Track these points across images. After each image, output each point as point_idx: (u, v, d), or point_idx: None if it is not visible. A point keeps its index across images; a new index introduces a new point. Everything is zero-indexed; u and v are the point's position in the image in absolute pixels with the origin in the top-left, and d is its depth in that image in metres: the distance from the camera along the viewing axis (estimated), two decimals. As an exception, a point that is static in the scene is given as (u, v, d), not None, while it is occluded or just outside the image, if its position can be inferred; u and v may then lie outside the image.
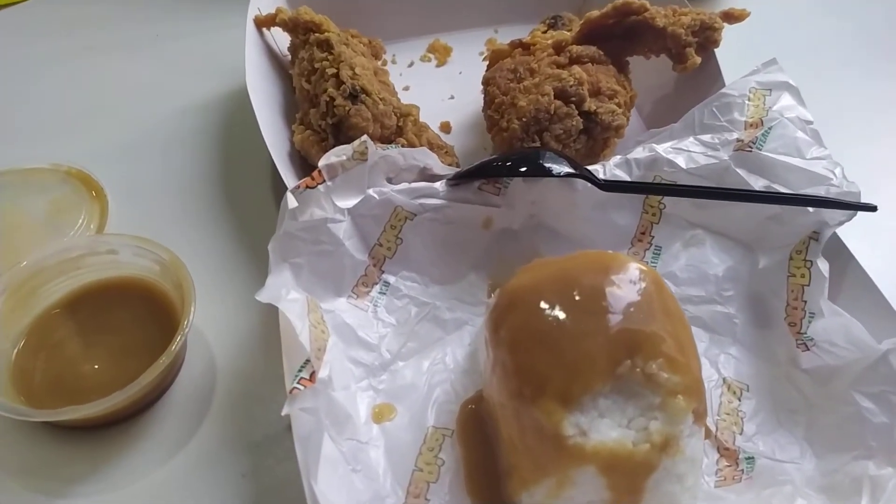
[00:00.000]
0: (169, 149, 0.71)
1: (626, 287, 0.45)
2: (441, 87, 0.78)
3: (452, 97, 0.77)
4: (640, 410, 0.42)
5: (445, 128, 0.73)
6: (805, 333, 0.53)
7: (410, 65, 0.80)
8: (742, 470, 0.49)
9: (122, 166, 0.69)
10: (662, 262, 0.60)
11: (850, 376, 0.50)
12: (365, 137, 0.52)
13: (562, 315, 0.44)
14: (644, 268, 0.47)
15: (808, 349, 0.52)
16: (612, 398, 0.42)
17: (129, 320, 0.55)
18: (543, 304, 0.45)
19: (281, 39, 0.73)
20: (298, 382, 0.44)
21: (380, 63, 0.78)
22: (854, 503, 0.44)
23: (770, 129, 0.58)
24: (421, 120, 0.66)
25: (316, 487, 0.40)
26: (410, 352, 0.55)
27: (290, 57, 0.70)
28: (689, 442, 0.43)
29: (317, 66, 0.63)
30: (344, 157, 0.51)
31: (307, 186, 0.50)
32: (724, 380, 0.54)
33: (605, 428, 0.42)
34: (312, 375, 0.45)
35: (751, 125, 0.60)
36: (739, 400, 0.53)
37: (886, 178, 0.69)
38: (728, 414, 0.52)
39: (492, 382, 0.47)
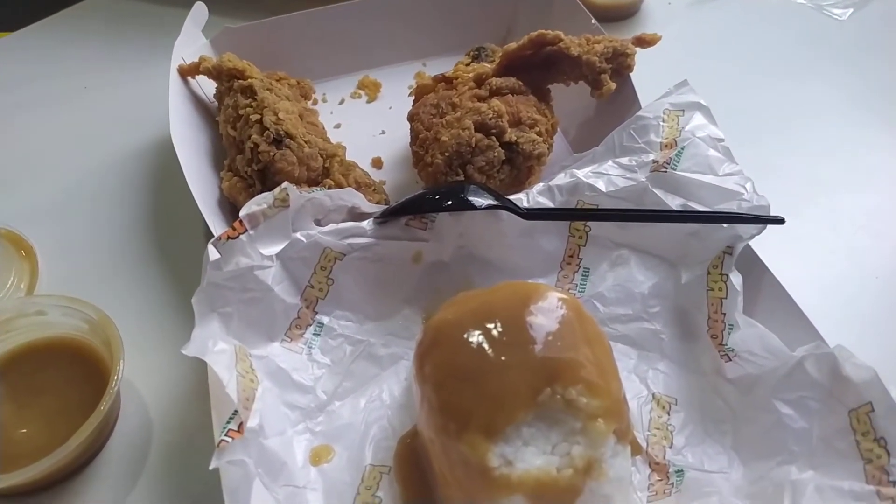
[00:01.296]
0: (98, 203, 0.71)
1: (545, 316, 0.46)
2: (372, 123, 0.79)
3: (383, 132, 0.78)
4: (562, 436, 0.44)
5: (377, 163, 0.75)
6: (726, 345, 0.55)
7: (341, 102, 0.81)
8: (672, 483, 0.51)
9: (51, 223, 0.68)
10: (591, 283, 0.61)
11: (769, 384, 0.51)
12: (286, 184, 0.52)
13: (483, 349, 0.45)
14: (563, 296, 0.48)
15: (731, 360, 0.54)
16: (535, 426, 0.43)
17: (60, 381, 0.55)
18: (465, 339, 0.46)
19: (209, 88, 0.74)
20: (226, 434, 0.44)
21: (310, 103, 0.79)
22: (776, 507, 0.46)
23: (683, 148, 0.61)
24: (351, 158, 0.68)
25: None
26: (346, 391, 0.56)
27: (217, 104, 0.70)
28: (614, 462, 0.45)
29: (241, 112, 0.64)
30: (265, 206, 0.52)
31: (229, 237, 0.51)
32: (653, 395, 0.56)
33: (530, 456, 0.43)
34: (240, 426, 0.45)
35: (665, 146, 0.62)
36: (668, 414, 0.55)
37: (800, 189, 0.72)
38: (658, 429, 0.54)
39: (421, 418, 0.48)
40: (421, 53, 0.85)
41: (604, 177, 0.61)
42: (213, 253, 0.50)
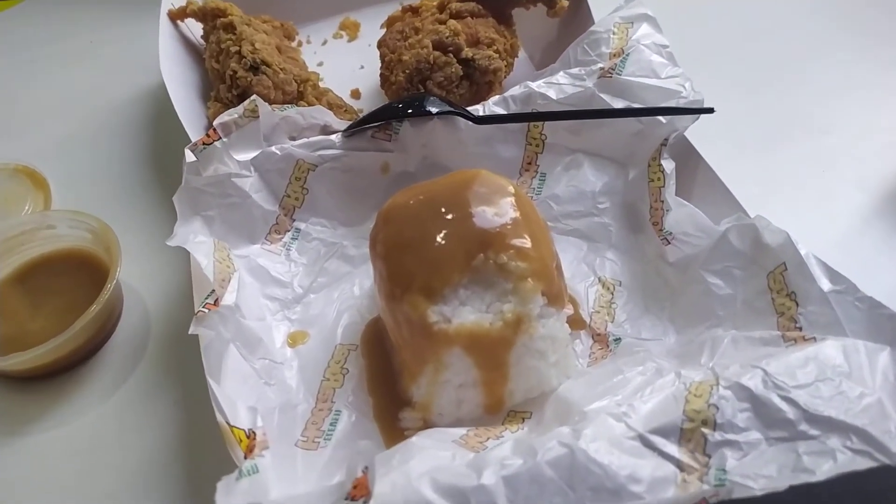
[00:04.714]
0: (102, 140, 0.78)
1: (483, 195, 0.51)
2: (352, 60, 0.84)
3: (363, 67, 0.83)
4: (496, 297, 0.49)
5: (355, 94, 0.80)
6: (664, 228, 0.59)
7: (324, 43, 0.87)
8: (611, 350, 0.56)
9: (61, 159, 0.76)
10: (546, 186, 0.66)
11: (700, 259, 0.56)
12: (254, 97, 0.58)
13: (424, 222, 0.50)
14: (503, 179, 0.53)
15: (670, 243, 0.59)
16: (471, 289, 0.49)
17: (70, 285, 0.62)
18: (409, 216, 0.51)
19: (198, 32, 0.80)
20: (203, 307, 0.51)
21: (294, 44, 0.84)
22: (696, 361, 0.50)
23: (628, 55, 0.65)
24: (329, 87, 0.73)
25: (216, 386, 0.47)
26: (321, 286, 0.62)
27: (205, 45, 0.77)
28: (546, 322, 0.50)
29: (223, 46, 0.70)
30: (236, 116, 0.58)
31: (203, 143, 0.57)
32: (599, 279, 0.61)
33: (466, 314, 0.48)
34: (216, 301, 0.51)
35: (613, 55, 0.66)
36: (612, 294, 0.60)
37: (732, 89, 0.75)
38: (602, 307, 0.59)
39: (376, 294, 0.54)
40: (399, -7, 0.90)
41: (554, 86, 0.66)
42: (189, 156, 0.56)
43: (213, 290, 0.52)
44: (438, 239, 0.50)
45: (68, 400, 0.57)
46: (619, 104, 0.64)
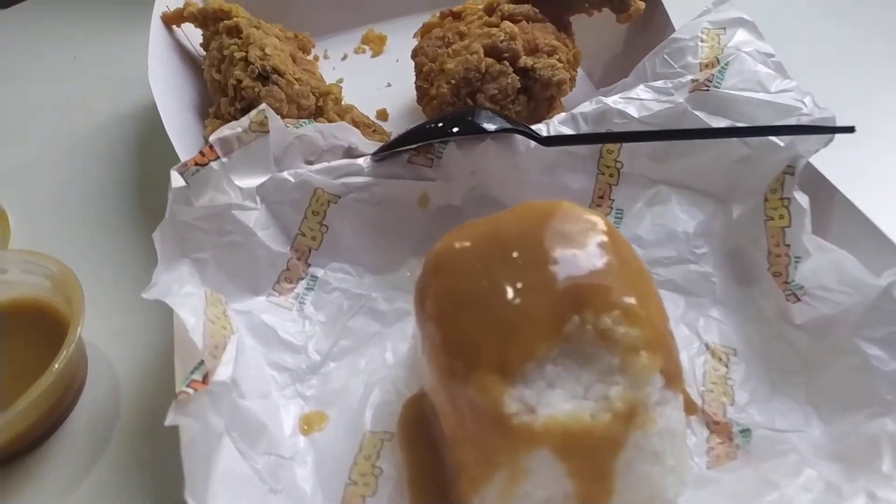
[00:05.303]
0: (76, 166, 0.65)
1: (569, 235, 0.38)
2: (377, 77, 0.72)
3: (389, 85, 0.71)
4: (596, 375, 0.35)
5: (382, 115, 0.67)
6: (793, 282, 0.46)
7: (344, 58, 0.75)
8: (737, 445, 0.41)
9: (25, 187, 0.63)
10: (625, 225, 0.53)
11: (849, 322, 0.42)
12: (263, 106, 0.45)
13: (493, 272, 0.37)
14: (591, 213, 0.40)
15: (799, 299, 0.45)
16: (561, 364, 0.35)
17: (20, 346, 0.48)
18: (471, 264, 0.38)
19: (198, 39, 0.68)
20: (188, 385, 0.37)
21: (310, 58, 0.72)
22: (874, 468, 0.36)
23: (727, 64, 0.52)
24: (351, 103, 0.61)
25: (200, 508, 0.33)
26: (343, 351, 0.48)
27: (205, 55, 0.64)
28: (663, 411, 0.36)
29: (225, 52, 0.57)
30: (240, 129, 0.45)
31: (196, 164, 0.44)
32: (706, 346, 0.47)
33: (557, 400, 0.34)
34: (206, 377, 0.37)
35: (706, 66, 0.54)
36: (727, 367, 0.46)
37: (858, 105, 0.62)
38: (715, 383, 0.45)
39: (425, 367, 0.40)
40: (430, 3, 0.78)
41: (635, 101, 0.53)
42: (176, 180, 0.43)
43: (202, 362, 0.38)
44: (514, 295, 0.36)
45: (17, 498, 0.43)
46: (718, 124, 0.51)
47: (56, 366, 0.43)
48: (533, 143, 0.51)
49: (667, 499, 0.37)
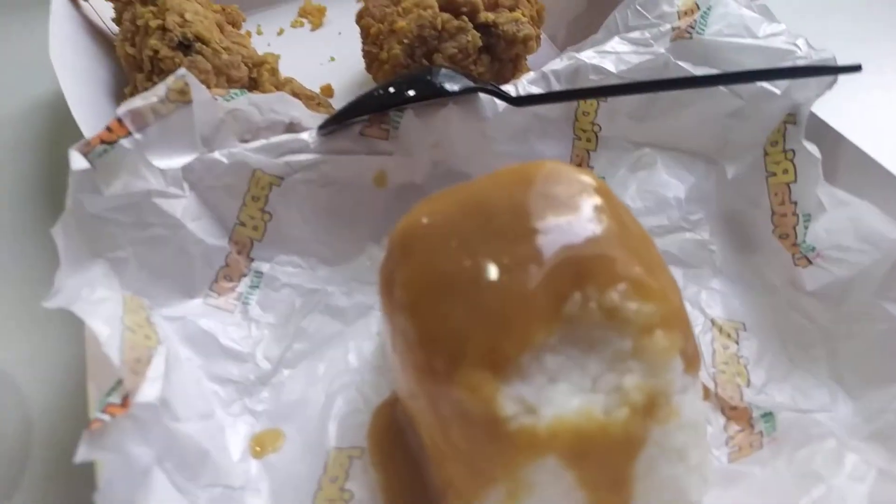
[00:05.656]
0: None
1: (560, 199, 0.32)
2: (319, 52, 0.65)
3: (333, 59, 0.64)
4: (605, 363, 0.29)
5: (327, 91, 0.60)
6: (803, 243, 0.41)
7: (280, 33, 0.67)
8: (761, 432, 0.36)
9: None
10: (609, 194, 0.47)
11: (872, 284, 0.38)
12: (183, 70, 0.38)
13: (475, 249, 0.30)
14: (582, 172, 0.34)
15: (811, 262, 0.40)
16: (563, 352, 0.29)
17: None
18: (448, 241, 0.31)
19: (108, 15, 0.59)
20: (104, 411, 0.29)
21: (241, 33, 0.64)
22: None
23: (709, 8, 0.47)
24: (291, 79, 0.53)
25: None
26: (298, 356, 0.41)
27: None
28: (684, 400, 0.30)
29: (139, 23, 0.49)
30: (154, 99, 0.37)
31: (104, 141, 0.36)
32: (712, 322, 0.41)
33: (562, 396, 0.28)
34: (126, 399, 0.30)
35: (685, 13, 0.49)
36: (737, 343, 0.41)
37: (855, 49, 0.58)
38: (726, 363, 0.40)
39: (397, 367, 0.33)
40: (372, -28, 0.71)
41: (611, 55, 0.47)
42: (77, 161, 0.35)
43: (120, 381, 0.30)
44: (501, 273, 0.29)
45: None
46: (704, 74, 0.46)
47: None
48: (501, 106, 0.45)
49: (690, 502, 0.31)
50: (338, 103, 0.59)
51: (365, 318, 0.43)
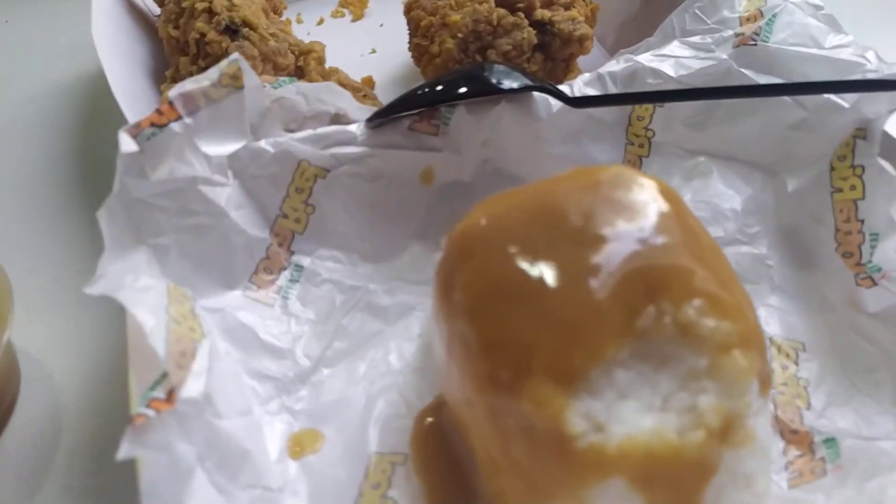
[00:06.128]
0: (7, 145, 0.55)
1: (631, 205, 0.30)
2: (360, 43, 0.64)
3: (374, 51, 0.63)
4: (678, 381, 0.28)
5: (368, 83, 0.59)
6: (869, 262, 0.39)
7: (320, 22, 0.66)
8: (823, 458, 0.35)
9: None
10: (661, 202, 0.46)
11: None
12: (236, 55, 0.37)
13: (542, 254, 0.29)
14: (651, 178, 0.32)
15: (876, 283, 0.39)
16: (634, 368, 0.28)
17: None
18: (512, 244, 0.30)
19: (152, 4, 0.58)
20: (148, 406, 0.28)
21: (282, 20, 0.63)
22: None
23: (774, 16, 0.46)
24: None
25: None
26: (338, 354, 0.40)
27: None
28: (758, 422, 0.29)
29: (185, 4, 0.48)
30: (207, 83, 0.36)
31: (154, 124, 0.35)
32: (771, 340, 0.40)
33: (632, 414, 0.27)
34: (171, 394, 0.29)
35: (748, 19, 0.47)
36: (796, 364, 0.39)
37: None
38: (786, 384, 0.38)
39: (451, 372, 0.32)
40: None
41: (670, 59, 0.46)
42: (127, 144, 0.34)
43: (166, 374, 0.29)
44: (571, 281, 0.28)
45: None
46: (768, 83, 0.44)
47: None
48: (556, 107, 0.44)
49: (754, 530, 0.30)
50: (380, 96, 0.57)
51: (406, 319, 0.42)
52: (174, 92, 0.35)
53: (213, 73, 0.36)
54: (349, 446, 0.36)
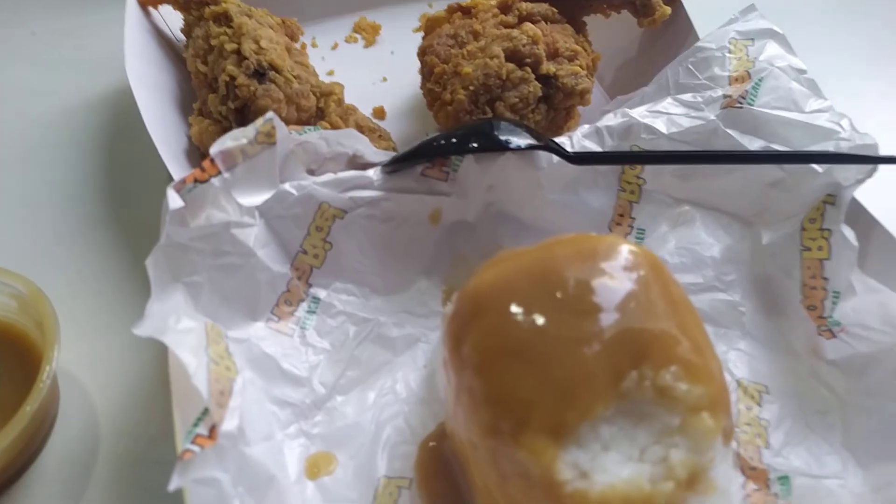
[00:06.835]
0: (36, 164, 0.58)
1: (619, 276, 0.35)
2: (371, 70, 0.67)
3: (385, 79, 0.66)
4: (654, 436, 0.32)
5: (379, 113, 0.63)
6: (830, 317, 0.44)
7: (334, 47, 0.69)
8: (776, 493, 0.39)
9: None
10: (647, 246, 0.50)
11: (891, 363, 0.41)
12: (271, 114, 0.40)
13: (544, 318, 0.33)
14: (637, 248, 0.37)
15: (834, 336, 0.43)
16: (617, 424, 0.32)
17: (-19, 375, 0.43)
18: (517, 307, 0.34)
19: (175, 23, 0.61)
20: (193, 442, 0.32)
21: (298, 46, 0.66)
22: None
23: (761, 80, 0.49)
24: (348, 102, 0.56)
25: None
26: (351, 382, 0.44)
27: (186, 41, 0.58)
28: (720, 470, 0.33)
29: (213, 43, 0.51)
30: (244, 141, 0.40)
31: (196, 180, 0.39)
32: (738, 382, 0.44)
33: (613, 464, 0.31)
34: (213, 431, 0.33)
35: (736, 79, 0.51)
36: (759, 405, 0.44)
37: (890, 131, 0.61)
38: (749, 424, 0.43)
39: (457, 415, 0.36)
40: (426, -8, 0.73)
41: (663, 116, 0.50)
42: (173, 200, 0.38)
43: (207, 411, 0.33)
44: (569, 344, 0.32)
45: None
46: (752, 143, 0.48)
47: (28, 408, 0.37)
48: (556, 158, 0.48)
49: (715, 561, 0.35)
50: (390, 126, 0.61)
51: (412, 350, 0.46)
52: (215, 149, 0.39)
53: (249, 132, 0.40)
54: (360, 469, 0.40)
